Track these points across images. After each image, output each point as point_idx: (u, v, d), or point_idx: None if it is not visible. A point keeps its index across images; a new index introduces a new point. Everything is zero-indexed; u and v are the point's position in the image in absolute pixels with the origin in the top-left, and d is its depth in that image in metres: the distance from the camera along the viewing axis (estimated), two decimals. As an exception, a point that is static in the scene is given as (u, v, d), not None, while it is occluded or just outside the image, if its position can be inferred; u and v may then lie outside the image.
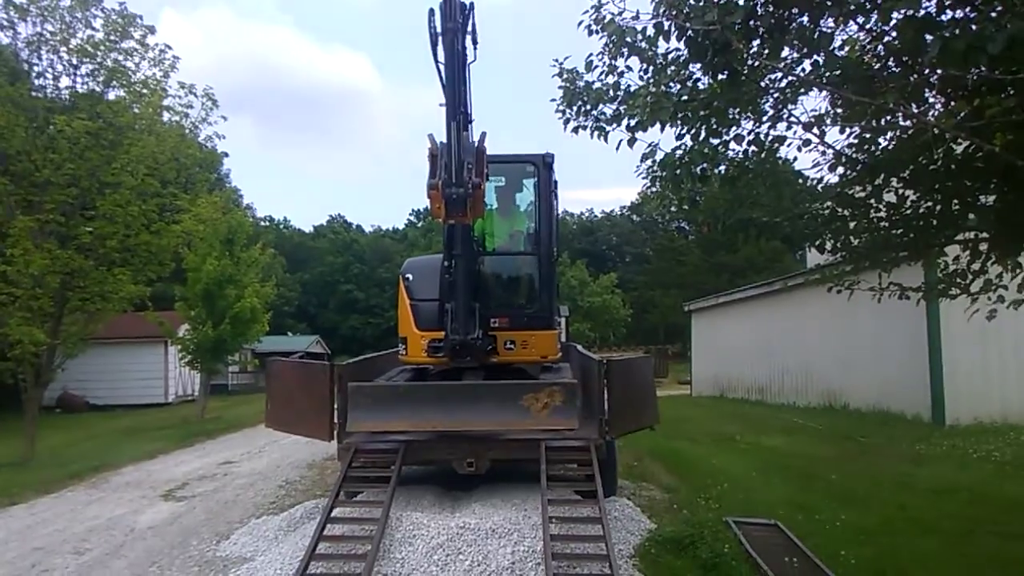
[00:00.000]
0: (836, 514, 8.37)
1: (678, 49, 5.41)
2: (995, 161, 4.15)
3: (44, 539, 8.28)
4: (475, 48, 7.88)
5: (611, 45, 5.76)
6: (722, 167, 5.28)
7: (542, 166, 9.36)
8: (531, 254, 9.42)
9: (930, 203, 5.60)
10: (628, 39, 5.59)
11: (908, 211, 5.70)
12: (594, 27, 5.75)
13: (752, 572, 6.48)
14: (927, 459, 11.74)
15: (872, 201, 5.78)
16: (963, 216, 5.48)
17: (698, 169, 5.21)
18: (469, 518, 7.18)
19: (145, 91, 15.21)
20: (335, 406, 8.17)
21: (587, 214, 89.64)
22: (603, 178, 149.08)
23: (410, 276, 9.44)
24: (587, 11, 5.74)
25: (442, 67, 7.40)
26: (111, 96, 15.21)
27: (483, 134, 7.33)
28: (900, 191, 5.38)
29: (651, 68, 5.72)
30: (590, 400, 8.23)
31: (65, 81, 15.17)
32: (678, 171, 5.29)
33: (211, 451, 15.50)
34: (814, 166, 5.52)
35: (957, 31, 2.80)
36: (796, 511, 8.52)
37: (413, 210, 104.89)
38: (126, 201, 14.47)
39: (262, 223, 65.23)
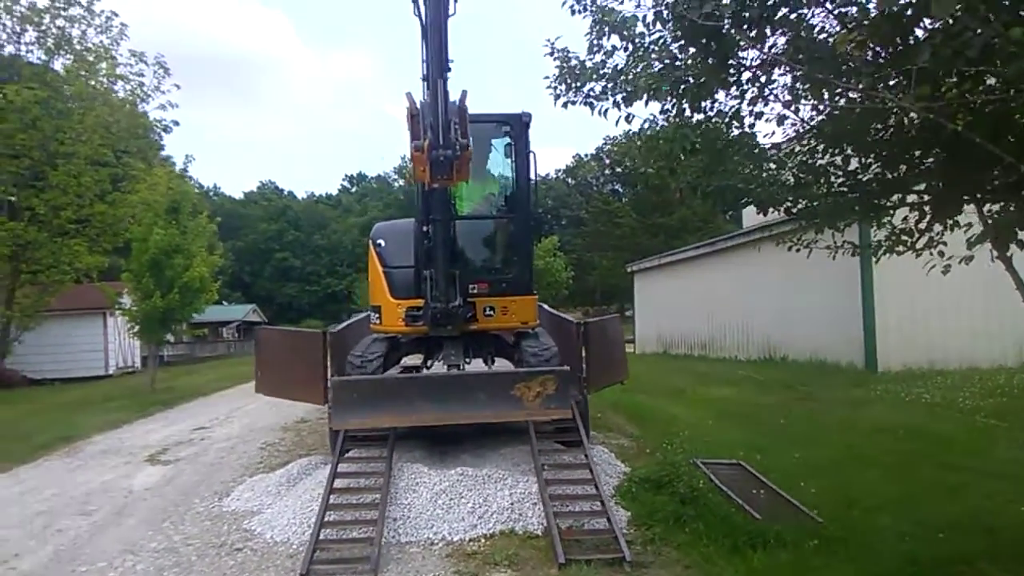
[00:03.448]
0: (789, 453, 9.19)
1: (661, 31, 5.90)
2: (941, 133, 4.79)
3: (44, 503, 8.47)
4: (455, 1, 7.22)
5: (595, 25, 6.22)
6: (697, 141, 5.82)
7: (519, 126, 9.03)
8: (509, 217, 9.22)
9: (880, 170, 6.25)
10: (608, 19, 6.07)
11: (862, 177, 6.35)
12: (576, 7, 6.20)
13: (725, 503, 7.20)
14: (864, 403, 12.76)
15: (831, 169, 6.42)
16: (912, 181, 6.16)
17: (688, 144, 5.74)
18: (466, 467, 7.72)
19: (92, 59, 14.93)
20: (328, 371, 8.45)
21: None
22: (538, 140, 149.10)
23: (382, 242, 9.21)
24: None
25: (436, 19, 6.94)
26: (58, 65, 14.92)
27: (464, 92, 7.03)
28: (858, 159, 6.02)
29: (630, 46, 6.20)
30: (570, 360, 8.69)
31: (9, 49, 14.82)
32: (672, 144, 5.81)
33: (176, 420, 15.60)
34: (785, 139, 6.11)
35: (938, 37, 3.37)
36: (754, 452, 9.29)
37: (346, 175, 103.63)
38: (79, 171, 14.31)
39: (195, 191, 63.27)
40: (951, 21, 3.01)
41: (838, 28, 4.54)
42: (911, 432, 10.17)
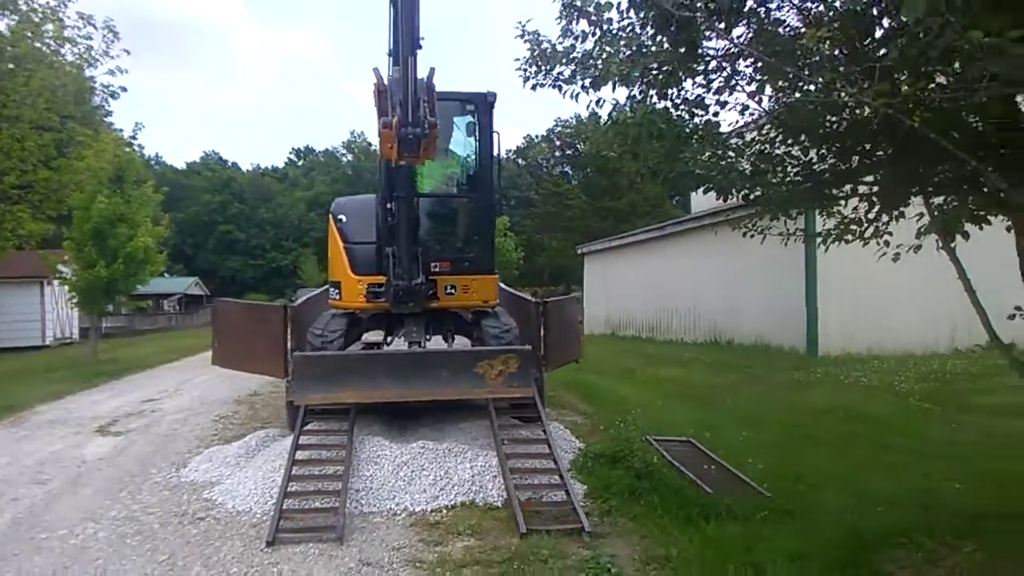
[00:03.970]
0: (737, 432, 9.54)
1: (630, 18, 6.05)
2: (896, 128, 5.04)
3: (-7, 472, 8.34)
4: None
5: (565, 9, 6.33)
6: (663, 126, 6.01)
7: (483, 105, 9.02)
8: (471, 197, 9.26)
9: (834, 161, 6.53)
10: (578, 3, 6.20)
11: (817, 167, 6.62)
12: (546, -11, 6.30)
13: (678, 478, 7.47)
14: (806, 385, 13.25)
15: (787, 158, 6.68)
16: (863, 172, 6.45)
17: (655, 129, 5.92)
18: (427, 440, 7.84)
19: (39, 19, 14.42)
20: (288, 345, 8.45)
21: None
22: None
23: (343, 217, 9.19)
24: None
25: None
26: (1, 26, 14.37)
27: (431, 70, 7.02)
28: (815, 150, 6.28)
29: (598, 31, 6.33)
30: (528, 339, 8.86)
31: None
32: (640, 128, 5.98)
33: (122, 391, 15.36)
34: (745, 127, 6.33)
35: (903, 37, 3.58)
36: (703, 430, 9.61)
37: (293, 148, 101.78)
38: (23, 135, 13.87)
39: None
40: (913, 23, 3.20)
41: (800, 23, 4.74)
42: (851, 413, 10.63)
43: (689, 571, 5.26)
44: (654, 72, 5.64)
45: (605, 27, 6.22)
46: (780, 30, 5.00)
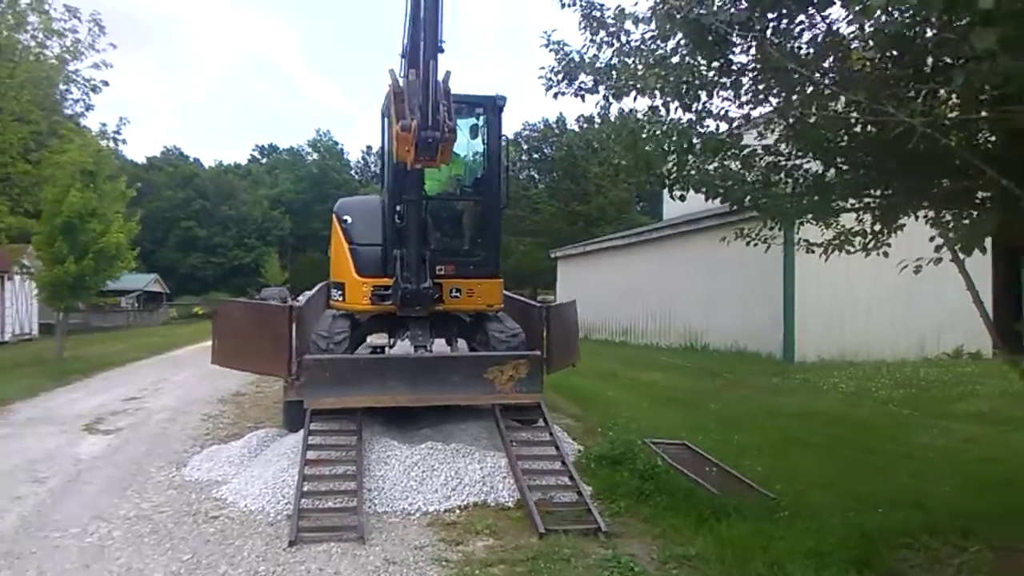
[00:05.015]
0: (728, 435, 9.75)
1: (651, 30, 6.19)
2: (898, 144, 5.23)
3: (-12, 469, 8.19)
4: None
5: (584, 20, 6.47)
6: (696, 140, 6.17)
7: (492, 109, 8.99)
8: (478, 199, 9.22)
9: (846, 173, 6.74)
10: (596, 14, 6.35)
11: (827, 179, 6.83)
12: (566, 1, 6.44)
13: (683, 479, 7.64)
14: (785, 390, 13.59)
15: (794, 171, 6.89)
16: (875, 184, 6.67)
17: (686, 141, 6.07)
18: (435, 441, 7.90)
19: (24, 8, 14.13)
20: (293, 344, 8.38)
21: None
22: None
23: (348, 219, 9.12)
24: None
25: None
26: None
27: (447, 73, 7.06)
28: (823, 162, 6.49)
29: (616, 42, 6.47)
30: (532, 342, 8.92)
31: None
32: (673, 140, 6.13)
33: (100, 390, 15.09)
34: (767, 146, 6.50)
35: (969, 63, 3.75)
36: (694, 433, 9.81)
37: (257, 145, 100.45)
38: (3, 127, 13.58)
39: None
40: (982, 51, 3.39)
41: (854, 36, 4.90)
42: (834, 418, 10.95)
43: (710, 570, 5.43)
44: (683, 84, 5.78)
45: (624, 38, 6.38)
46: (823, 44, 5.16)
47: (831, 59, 5.02)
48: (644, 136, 6.68)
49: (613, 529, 6.28)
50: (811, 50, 5.19)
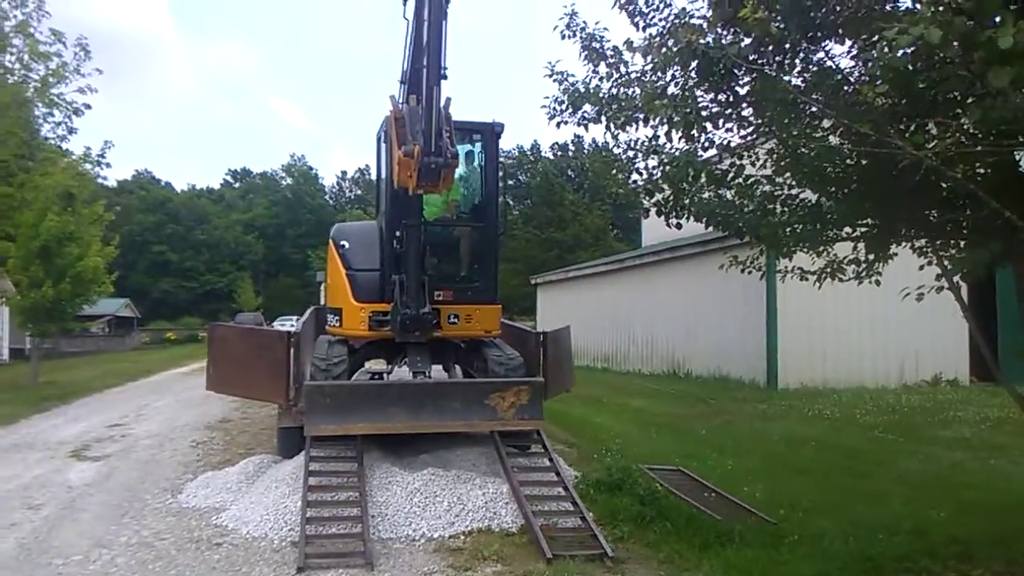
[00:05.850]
0: (722, 461, 9.83)
1: (651, 62, 6.34)
2: (896, 176, 5.40)
3: (-23, 497, 8.02)
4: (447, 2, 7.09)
5: (584, 51, 6.61)
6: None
7: (490, 135, 9.09)
8: (476, 225, 9.25)
9: (845, 205, 6.90)
10: (596, 46, 6.49)
11: (826, 211, 7.00)
12: (566, 32, 6.59)
13: (683, 505, 7.68)
14: (772, 416, 13.71)
15: (792, 202, 7.05)
16: (869, 213, 6.84)
17: (692, 171, 6.21)
18: (435, 468, 7.87)
19: (8, 32, 14.05)
20: (291, 371, 8.32)
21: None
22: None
23: (346, 244, 9.11)
24: (561, 17, 6.53)
25: (422, 26, 6.99)
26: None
27: (448, 99, 7.11)
28: (830, 193, 6.65)
29: (615, 73, 6.61)
30: (529, 368, 8.94)
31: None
32: (677, 170, 6.26)
33: (79, 416, 14.82)
34: (768, 176, 6.65)
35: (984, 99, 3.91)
36: (687, 459, 9.87)
37: (229, 170, 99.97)
38: (-16, 151, 13.44)
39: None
40: (996, 90, 3.55)
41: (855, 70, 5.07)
42: (822, 444, 11.07)
43: (720, 594, 5.47)
44: (688, 114, 5.92)
45: (624, 69, 6.52)
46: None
47: (840, 92, 5.16)
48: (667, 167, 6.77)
49: (618, 554, 6.30)
50: (813, 82, 5.34)
